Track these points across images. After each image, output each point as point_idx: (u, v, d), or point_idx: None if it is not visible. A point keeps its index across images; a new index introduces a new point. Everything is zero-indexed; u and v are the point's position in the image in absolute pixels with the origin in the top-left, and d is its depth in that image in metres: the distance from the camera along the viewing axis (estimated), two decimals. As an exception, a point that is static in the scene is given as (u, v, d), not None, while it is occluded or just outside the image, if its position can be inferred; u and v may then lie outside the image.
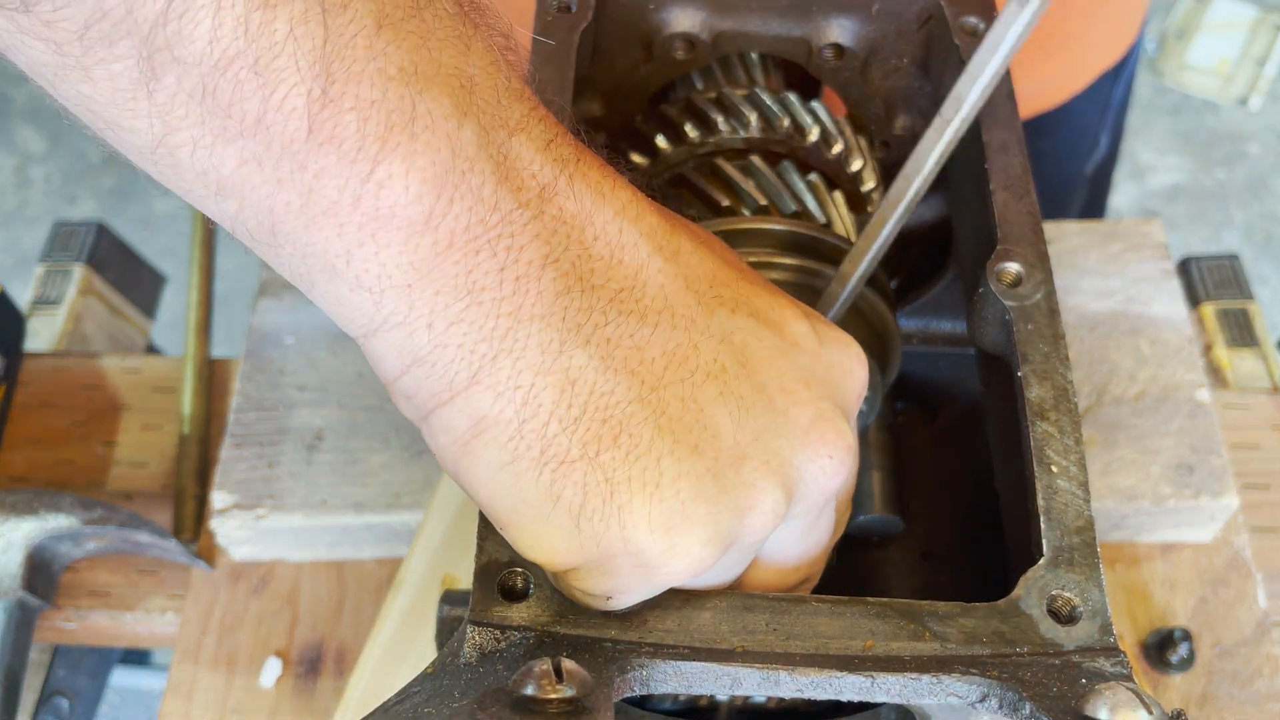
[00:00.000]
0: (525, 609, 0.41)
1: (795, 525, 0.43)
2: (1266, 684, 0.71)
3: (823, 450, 0.40)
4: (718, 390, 0.39)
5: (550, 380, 0.36)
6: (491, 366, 0.36)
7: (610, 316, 0.37)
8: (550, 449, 0.36)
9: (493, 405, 0.36)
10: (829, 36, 0.59)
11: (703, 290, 0.40)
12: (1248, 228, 2.30)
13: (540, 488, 0.37)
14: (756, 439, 0.39)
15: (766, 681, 0.40)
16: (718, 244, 0.44)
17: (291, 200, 0.33)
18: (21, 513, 0.73)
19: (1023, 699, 0.38)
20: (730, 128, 0.58)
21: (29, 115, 2.42)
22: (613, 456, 0.36)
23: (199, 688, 0.73)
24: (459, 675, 0.39)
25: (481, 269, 0.35)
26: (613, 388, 0.37)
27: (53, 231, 0.98)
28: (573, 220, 0.37)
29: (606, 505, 0.37)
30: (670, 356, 0.38)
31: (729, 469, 0.38)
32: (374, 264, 0.34)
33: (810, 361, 0.41)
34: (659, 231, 0.39)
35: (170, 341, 1.09)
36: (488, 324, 0.35)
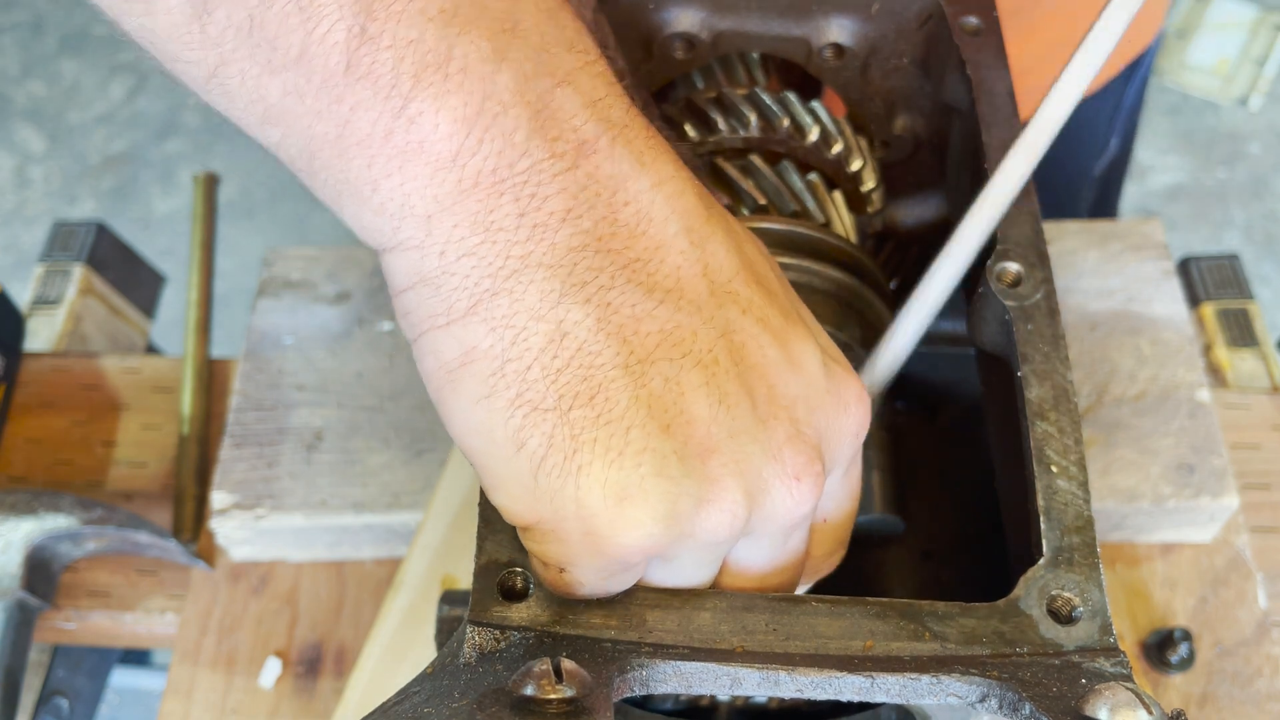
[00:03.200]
0: (525, 609, 0.41)
1: (762, 544, 0.42)
2: (1267, 684, 0.71)
3: (791, 470, 0.40)
4: (703, 379, 0.38)
5: (542, 327, 0.36)
6: (490, 301, 0.36)
7: (617, 281, 0.37)
8: (527, 393, 0.37)
9: (484, 338, 0.37)
10: (829, 36, 0.59)
11: (719, 282, 0.39)
12: (1248, 228, 2.30)
13: (509, 430, 0.37)
14: (731, 437, 0.39)
15: (766, 681, 0.40)
16: (755, 248, 0.43)
17: (328, 131, 0.35)
18: (21, 513, 0.73)
19: (1022, 699, 0.38)
20: (730, 127, 0.58)
21: (29, 115, 2.42)
22: (584, 415, 0.37)
23: (199, 688, 0.73)
24: (458, 675, 0.39)
25: (502, 210, 0.36)
26: (600, 349, 0.37)
27: (52, 231, 0.98)
28: (606, 181, 0.37)
29: (567, 462, 0.37)
30: (666, 335, 0.38)
31: (695, 457, 0.38)
32: (399, 194, 0.36)
33: (806, 387, 0.41)
34: (693, 213, 0.39)
35: (170, 341, 1.09)
36: (496, 262, 0.36)
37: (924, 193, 0.64)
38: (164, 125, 2.39)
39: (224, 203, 2.07)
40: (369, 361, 0.81)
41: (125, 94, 2.43)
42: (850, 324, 0.55)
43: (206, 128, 2.38)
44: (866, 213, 0.60)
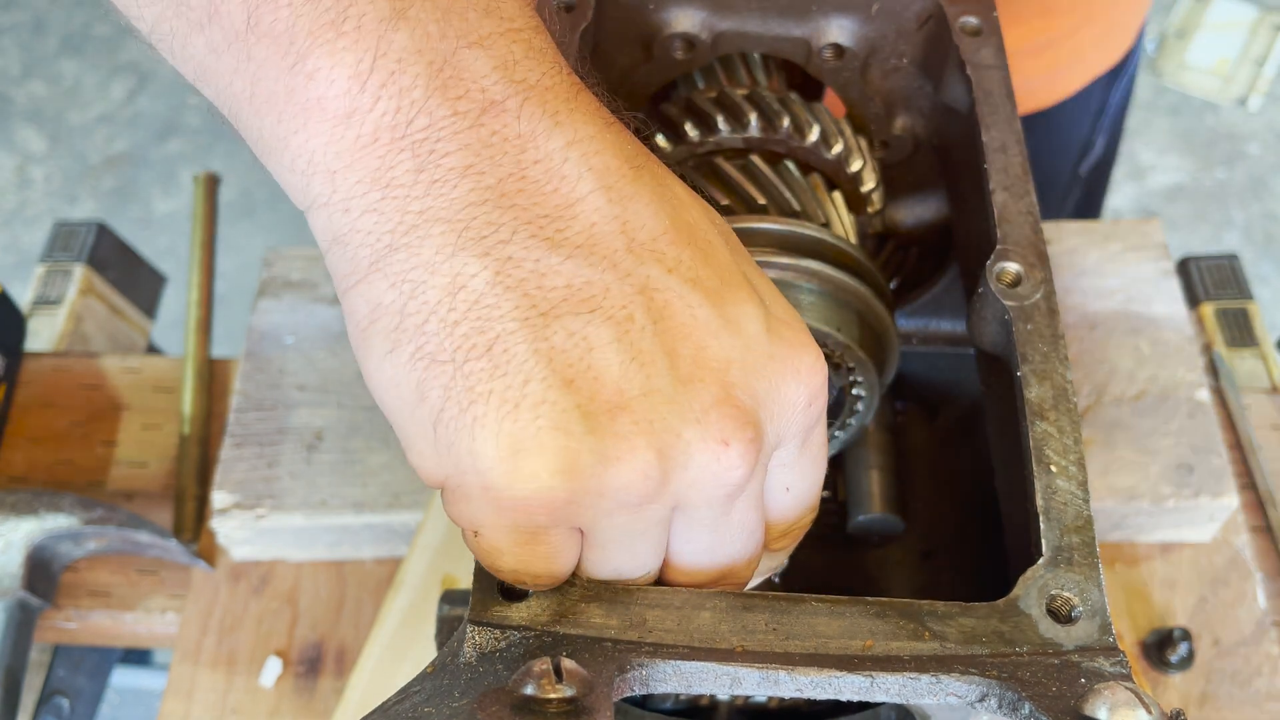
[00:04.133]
0: (525, 609, 0.41)
1: (700, 520, 0.41)
2: (1266, 683, 0.71)
3: (718, 434, 0.38)
4: (614, 335, 0.37)
5: (438, 280, 0.37)
6: (389, 256, 0.37)
7: (519, 236, 0.37)
8: (425, 346, 0.37)
9: (385, 294, 0.37)
10: (828, 36, 0.59)
11: (640, 240, 0.39)
12: (1247, 228, 2.30)
13: (411, 383, 0.37)
14: (644, 396, 0.37)
15: (766, 681, 0.40)
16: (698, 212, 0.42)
17: (244, 88, 0.37)
18: (22, 513, 0.73)
19: (1022, 699, 0.38)
20: (730, 127, 0.58)
21: (29, 115, 2.42)
22: (480, 367, 0.36)
23: (199, 687, 0.73)
24: (459, 675, 0.39)
25: (401, 166, 0.36)
26: (498, 301, 0.36)
27: (53, 231, 0.98)
28: (514, 139, 0.37)
29: (462, 414, 0.36)
30: (572, 290, 0.37)
31: (602, 414, 0.37)
32: (305, 150, 0.37)
33: (743, 350, 0.39)
34: (612, 172, 0.39)
35: (170, 341, 1.09)
36: (395, 217, 0.37)
37: (924, 193, 0.64)
38: (164, 125, 2.39)
39: (224, 203, 2.07)
40: (369, 361, 0.81)
41: (126, 94, 2.43)
42: (849, 324, 0.55)
43: (207, 128, 2.38)
44: (866, 213, 0.61)
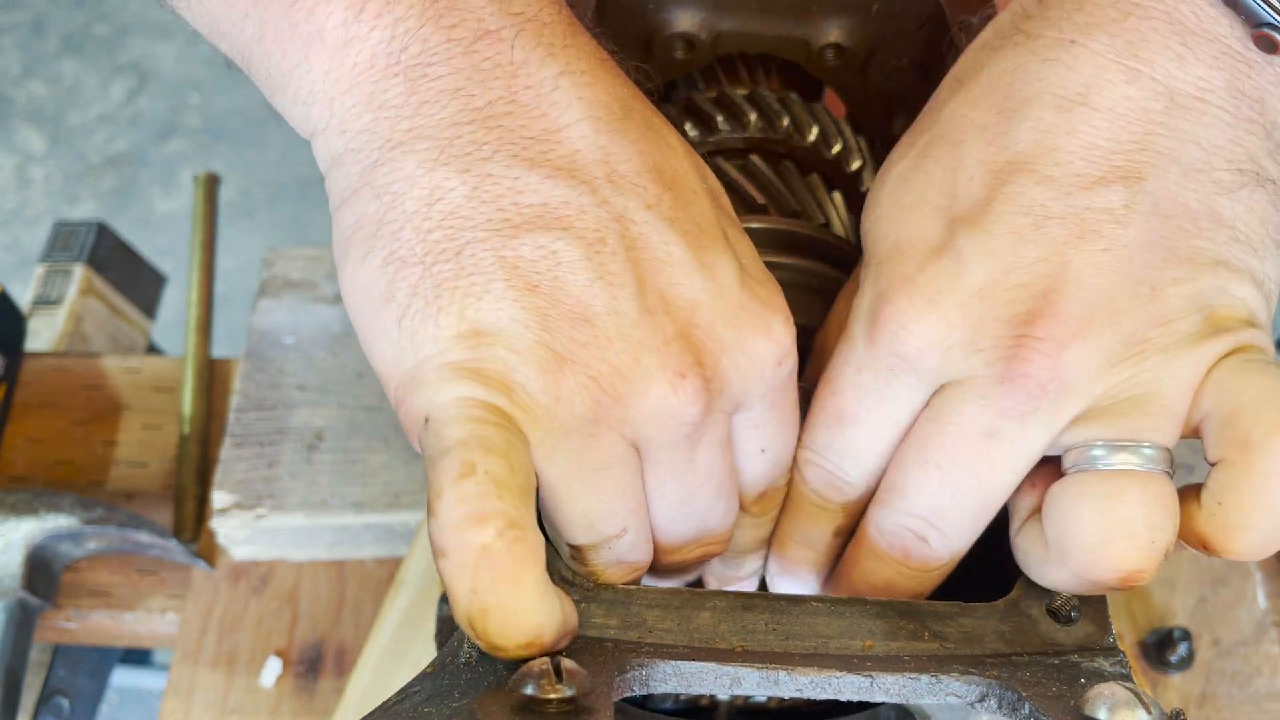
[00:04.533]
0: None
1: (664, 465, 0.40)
2: (1266, 683, 0.71)
3: (676, 366, 0.38)
4: (584, 253, 0.38)
5: (417, 191, 0.38)
6: (374, 170, 0.39)
7: (500, 155, 0.38)
8: (398, 250, 0.38)
9: (368, 204, 0.39)
10: (829, 37, 0.59)
11: (622, 173, 0.39)
12: (1248, 228, 2.30)
13: (381, 284, 0.38)
14: (608, 315, 0.38)
15: (766, 681, 0.40)
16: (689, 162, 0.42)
17: (253, 31, 0.40)
18: (22, 513, 0.74)
19: (1022, 699, 0.38)
20: (730, 127, 0.58)
21: (29, 115, 2.43)
22: (448, 268, 0.37)
23: (199, 687, 0.73)
24: (458, 675, 0.39)
25: (394, 90, 0.38)
26: (471, 213, 0.38)
27: (53, 231, 0.98)
28: (506, 65, 0.39)
29: (428, 306, 0.37)
30: (547, 208, 0.38)
31: (563, 320, 0.37)
32: (307, 80, 0.39)
33: (713, 295, 0.39)
34: (601, 105, 0.40)
35: (170, 341, 1.09)
36: (384, 134, 0.38)
37: (924, 193, 0.64)
38: (165, 125, 2.39)
39: (224, 203, 2.07)
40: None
41: (126, 94, 2.43)
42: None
43: (207, 128, 2.38)
44: (866, 213, 0.61)
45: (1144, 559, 0.39)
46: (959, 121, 0.43)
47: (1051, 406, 0.40)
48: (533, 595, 0.35)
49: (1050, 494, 0.41)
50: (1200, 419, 0.41)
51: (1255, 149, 0.41)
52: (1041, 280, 0.40)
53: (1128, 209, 0.40)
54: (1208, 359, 0.40)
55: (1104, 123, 0.40)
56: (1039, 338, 0.39)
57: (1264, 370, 0.39)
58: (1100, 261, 0.40)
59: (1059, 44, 0.41)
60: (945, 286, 0.41)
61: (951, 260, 0.41)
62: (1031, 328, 0.39)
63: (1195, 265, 0.40)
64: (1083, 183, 0.40)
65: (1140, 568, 0.39)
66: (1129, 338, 0.40)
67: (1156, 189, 0.40)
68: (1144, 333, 0.40)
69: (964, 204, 0.41)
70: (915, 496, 0.43)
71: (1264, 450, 0.38)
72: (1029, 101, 0.41)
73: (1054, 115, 0.41)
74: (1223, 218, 0.40)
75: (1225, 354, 0.40)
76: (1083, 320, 0.39)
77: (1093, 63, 0.40)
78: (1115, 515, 0.39)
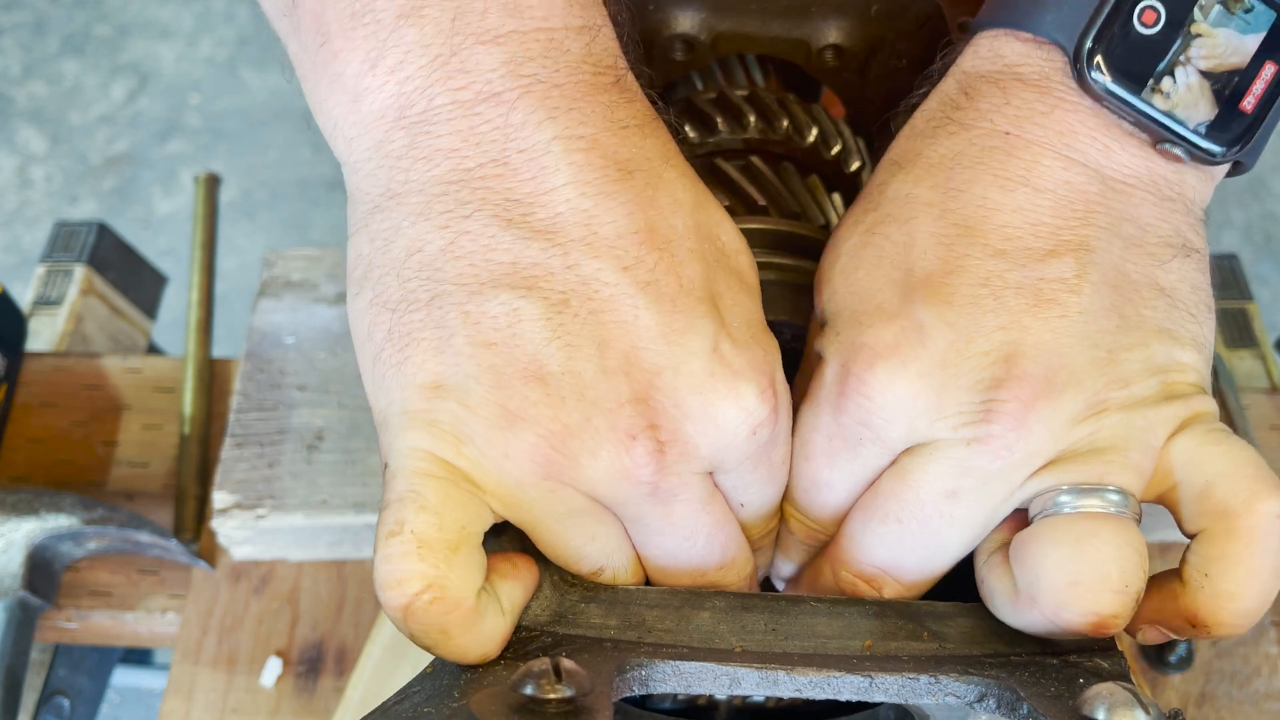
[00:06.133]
0: (525, 609, 0.41)
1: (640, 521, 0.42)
2: (1265, 684, 0.71)
3: (626, 428, 0.39)
4: (544, 313, 0.39)
5: (402, 241, 0.40)
6: (372, 215, 0.41)
7: (480, 215, 0.40)
8: (381, 294, 0.41)
9: (364, 246, 0.42)
10: (828, 38, 0.59)
11: (602, 236, 0.40)
12: (1247, 228, 2.30)
13: (366, 323, 0.41)
14: (564, 375, 0.39)
15: (765, 681, 0.40)
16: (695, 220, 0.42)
17: (295, 52, 0.43)
18: (22, 513, 0.74)
19: (1020, 699, 0.38)
20: (729, 128, 0.58)
21: (30, 115, 2.43)
22: (418, 318, 0.40)
23: (199, 687, 0.73)
24: (458, 675, 0.39)
25: (398, 142, 0.41)
26: (444, 266, 0.40)
27: (54, 232, 0.98)
28: (503, 128, 0.40)
29: (396, 354, 0.40)
30: (516, 268, 0.39)
31: (516, 378, 0.39)
32: (331, 116, 0.42)
33: (680, 361, 0.40)
34: (594, 169, 0.40)
35: (171, 341, 1.09)
36: (384, 182, 0.41)
37: (923, 194, 0.64)
38: (165, 126, 2.39)
39: (225, 203, 2.07)
40: (370, 362, 0.81)
41: (126, 95, 2.43)
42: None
43: (208, 128, 2.38)
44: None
45: (1117, 603, 0.39)
46: (905, 200, 0.45)
47: (1016, 466, 0.41)
48: (463, 639, 0.38)
49: (1019, 540, 0.42)
50: (1168, 491, 0.42)
51: (1180, 224, 0.44)
52: (1002, 347, 0.41)
53: (1079, 278, 0.41)
54: (1166, 421, 0.41)
55: (1047, 202, 0.42)
56: (1005, 400, 0.40)
57: (1228, 440, 0.41)
58: (1058, 327, 0.41)
59: (994, 134, 0.44)
60: (908, 357, 0.42)
61: (913, 331, 0.42)
62: (997, 392, 0.41)
63: (1144, 332, 0.42)
64: (1034, 255, 0.42)
65: (1114, 612, 0.39)
66: (1091, 398, 0.41)
67: (1103, 260, 0.42)
68: (1104, 393, 0.41)
69: (920, 276, 0.43)
70: (873, 549, 0.44)
71: (1246, 515, 0.39)
72: (972, 182, 0.43)
73: (999, 195, 0.43)
74: (1162, 288, 0.43)
75: (1183, 422, 0.42)
76: (1046, 383, 0.41)
77: (1029, 151, 0.43)
78: (1086, 558, 0.39)
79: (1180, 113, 0.42)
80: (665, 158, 0.43)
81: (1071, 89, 0.43)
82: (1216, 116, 0.42)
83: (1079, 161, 0.43)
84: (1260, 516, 0.39)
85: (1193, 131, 0.42)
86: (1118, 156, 0.43)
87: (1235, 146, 0.43)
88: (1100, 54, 0.42)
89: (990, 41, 0.45)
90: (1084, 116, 0.43)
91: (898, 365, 0.41)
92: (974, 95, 0.45)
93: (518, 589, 0.41)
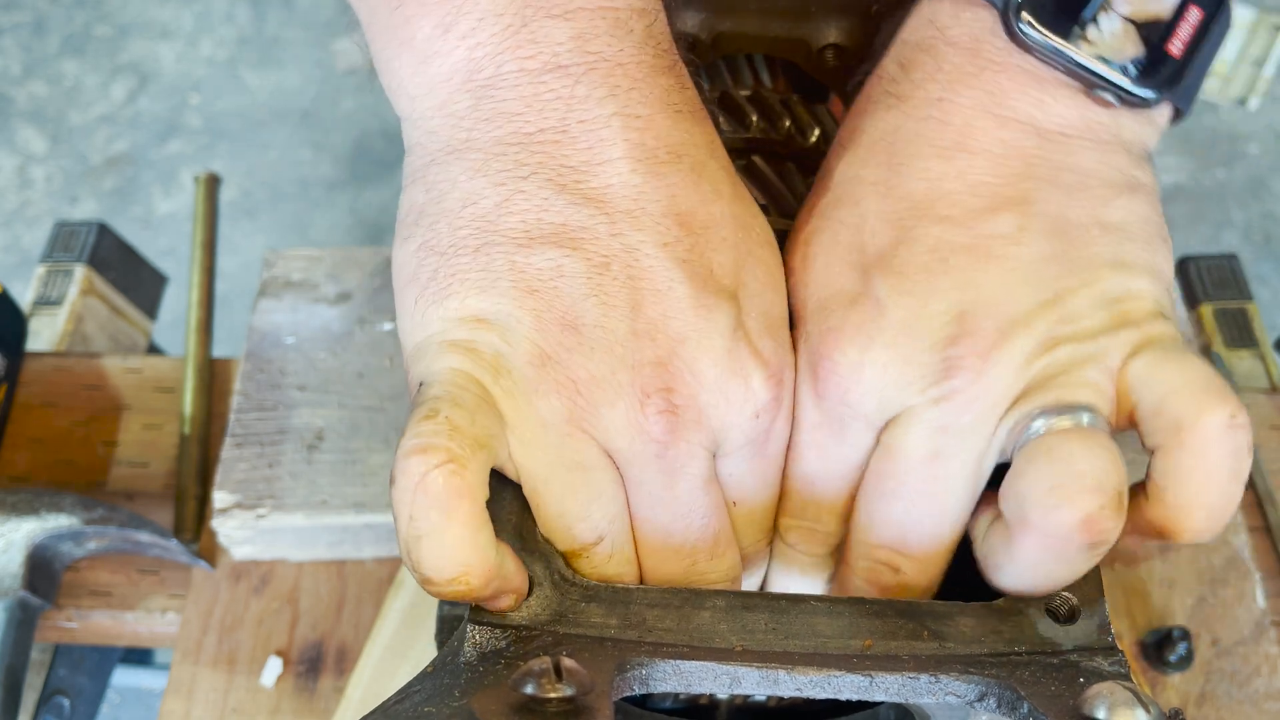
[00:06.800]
0: (525, 608, 0.41)
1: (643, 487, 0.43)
2: (1265, 683, 0.71)
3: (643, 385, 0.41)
4: (586, 272, 0.41)
5: (457, 193, 0.42)
6: (429, 167, 0.43)
7: (537, 177, 0.42)
8: (431, 240, 0.42)
9: (419, 195, 0.43)
10: (828, 37, 0.59)
11: (648, 212, 0.42)
12: (1246, 228, 2.30)
13: (411, 266, 0.43)
14: (597, 327, 0.41)
15: (765, 680, 0.40)
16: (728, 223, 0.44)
17: (367, 15, 0.45)
18: (22, 512, 0.74)
19: (1021, 698, 0.38)
20: (732, 128, 0.58)
21: (30, 115, 2.43)
22: (465, 262, 0.41)
23: (199, 687, 0.73)
24: (459, 674, 0.39)
25: (463, 103, 0.43)
26: (498, 220, 0.41)
27: (54, 232, 0.98)
28: (567, 99, 0.42)
29: (440, 290, 0.42)
30: (565, 229, 0.41)
31: (555, 324, 0.41)
32: (398, 75, 0.44)
33: (705, 334, 0.42)
34: (646, 149, 0.42)
35: (171, 341, 1.09)
36: (445, 138, 0.43)
37: (923, 193, 0.64)
38: (165, 126, 2.39)
39: (225, 203, 2.07)
40: (370, 362, 0.81)
41: (126, 95, 2.43)
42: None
43: (208, 128, 2.39)
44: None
45: (1099, 499, 0.40)
46: (851, 182, 0.47)
47: (986, 414, 0.43)
48: (463, 528, 0.37)
49: (1005, 482, 0.43)
50: (1131, 413, 0.43)
51: (1122, 164, 0.45)
52: (955, 306, 0.43)
53: (1021, 230, 0.43)
54: (1121, 345, 0.42)
55: (984, 163, 0.44)
56: (962, 355, 0.42)
57: (1181, 357, 0.42)
58: (1005, 280, 0.43)
59: (928, 102, 0.45)
60: (872, 331, 0.43)
61: (872, 307, 0.44)
62: (954, 349, 0.42)
63: (1094, 270, 0.43)
64: (977, 215, 0.43)
65: (1099, 504, 0.40)
66: (1041, 336, 0.42)
67: (1044, 210, 0.43)
68: (1054, 330, 0.42)
69: (873, 254, 0.44)
70: (881, 529, 0.45)
71: (1195, 428, 0.40)
72: (912, 156, 0.45)
73: (938, 164, 0.44)
74: (1110, 224, 0.44)
75: (1138, 345, 0.43)
76: (999, 333, 0.42)
77: (962, 115, 0.44)
78: (1060, 464, 0.41)
79: (1108, 57, 0.43)
80: (710, 147, 0.45)
81: (1000, 48, 0.44)
82: (1145, 61, 0.44)
83: (1013, 118, 0.44)
84: (1208, 427, 0.40)
85: (1122, 75, 0.43)
86: (1052, 109, 0.44)
87: (1164, 90, 0.44)
88: (1026, 5, 0.43)
89: (926, 8, 0.47)
90: (1014, 74, 0.44)
91: (864, 342, 0.43)
92: (908, 66, 0.47)
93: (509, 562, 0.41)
